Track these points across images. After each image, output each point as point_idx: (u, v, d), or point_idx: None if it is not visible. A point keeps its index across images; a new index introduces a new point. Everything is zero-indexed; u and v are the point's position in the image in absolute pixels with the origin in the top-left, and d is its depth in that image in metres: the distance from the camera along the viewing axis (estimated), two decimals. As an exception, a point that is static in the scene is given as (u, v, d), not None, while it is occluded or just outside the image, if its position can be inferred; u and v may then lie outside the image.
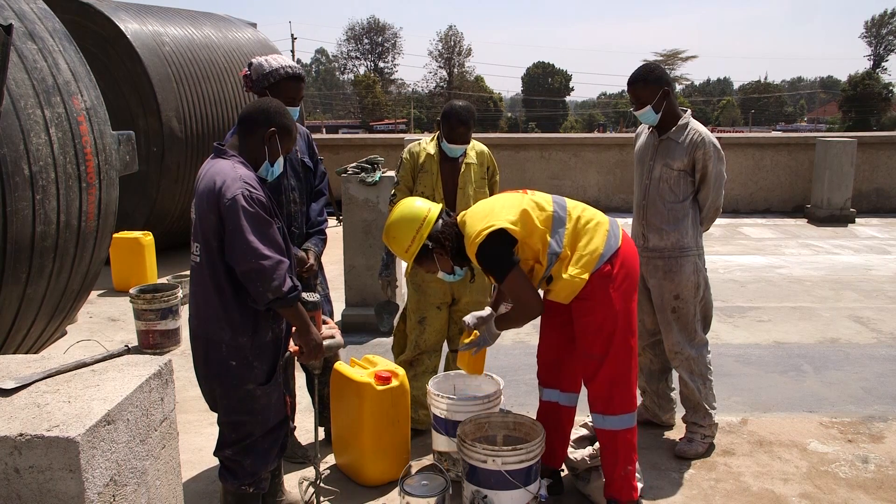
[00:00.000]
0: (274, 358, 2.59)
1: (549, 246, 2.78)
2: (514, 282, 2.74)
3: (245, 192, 2.36)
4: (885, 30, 65.88)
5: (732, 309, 6.07)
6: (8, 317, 3.37)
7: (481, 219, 2.78)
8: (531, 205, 2.84)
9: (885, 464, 3.46)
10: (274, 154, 2.58)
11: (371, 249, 5.54)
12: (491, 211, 2.81)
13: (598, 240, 2.82)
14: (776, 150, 11.07)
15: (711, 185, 3.40)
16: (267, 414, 2.58)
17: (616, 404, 2.86)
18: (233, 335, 2.46)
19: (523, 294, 2.77)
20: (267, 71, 3.17)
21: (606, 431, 2.89)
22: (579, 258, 2.79)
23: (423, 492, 2.81)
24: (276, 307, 2.41)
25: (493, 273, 2.78)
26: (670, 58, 68.74)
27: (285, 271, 2.37)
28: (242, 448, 2.57)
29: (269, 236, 2.38)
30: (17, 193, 3.18)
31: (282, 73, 3.17)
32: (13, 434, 1.78)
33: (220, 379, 2.52)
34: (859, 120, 52.53)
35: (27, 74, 3.36)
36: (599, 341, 2.82)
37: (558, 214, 2.84)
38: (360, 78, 64.84)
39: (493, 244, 2.72)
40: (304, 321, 2.51)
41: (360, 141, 12.36)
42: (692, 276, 3.42)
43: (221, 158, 2.51)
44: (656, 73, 3.36)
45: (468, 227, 2.81)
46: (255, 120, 2.55)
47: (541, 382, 3.15)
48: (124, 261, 6.53)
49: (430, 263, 2.89)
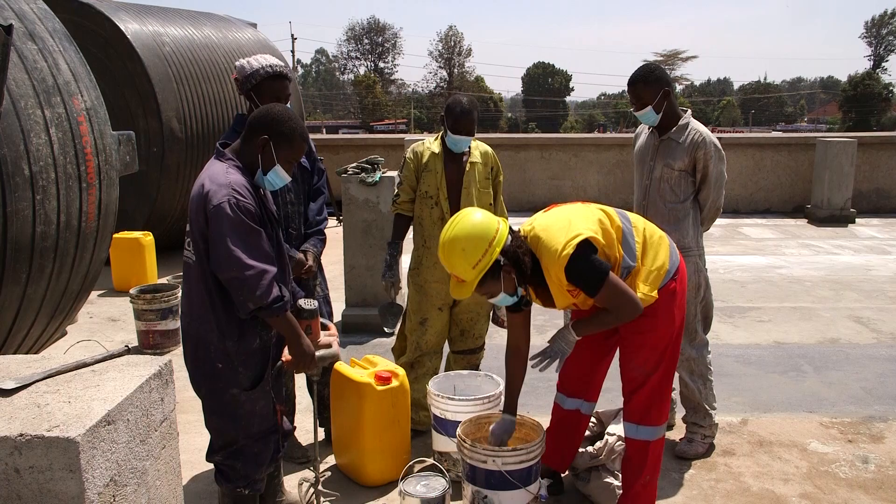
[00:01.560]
0: (261, 365, 2.55)
1: (623, 259, 2.68)
2: (613, 287, 2.58)
3: (231, 200, 2.31)
4: (885, 30, 65.88)
5: (732, 309, 6.07)
6: (8, 317, 3.37)
7: (562, 231, 2.60)
8: (602, 215, 2.73)
9: (885, 464, 3.46)
10: (268, 163, 2.47)
11: (371, 250, 5.54)
12: (569, 222, 2.64)
13: (664, 255, 2.77)
14: (776, 151, 11.07)
15: (712, 186, 3.40)
16: (250, 420, 2.54)
17: (653, 416, 2.85)
18: (220, 338, 2.45)
19: (625, 296, 2.61)
20: (249, 72, 3.09)
21: (639, 441, 2.86)
22: (648, 274, 2.71)
23: (423, 492, 2.81)
24: (260, 316, 2.38)
25: (588, 284, 2.59)
26: (670, 58, 68.75)
27: (270, 280, 2.32)
28: (231, 453, 2.56)
29: (254, 245, 2.33)
30: (17, 194, 3.18)
31: (262, 74, 3.08)
32: (13, 434, 1.78)
33: (207, 379, 2.51)
34: (859, 120, 52.55)
35: (27, 74, 3.36)
36: (655, 357, 2.80)
37: (626, 227, 2.76)
38: (360, 78, 64.83)
39: (583, 255, 2.56)
40: (293, 331, 2.45)
41: (361, 141, 12.36)
42: (693, 276, 3.42)
43: (218, 161, 2.48)
44: (657, 74, 3.36)
45: (547, 242, 2.60)
46: (252, 125, 2.49)
47: (565, 392, 3.10)
48: (124, 261, 6.53)
49: (494, 283, 2.61)
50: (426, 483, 2.87)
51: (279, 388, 2.71)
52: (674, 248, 2.85)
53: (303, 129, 2.54)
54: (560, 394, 3.12)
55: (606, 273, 2.57)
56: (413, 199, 3.64)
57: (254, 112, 2.55)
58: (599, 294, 2.59)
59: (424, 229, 3.63)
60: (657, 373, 2.81)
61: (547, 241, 2.61)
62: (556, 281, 2.63)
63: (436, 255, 3.60)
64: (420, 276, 3.64)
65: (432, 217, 3.59)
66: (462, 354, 3.76)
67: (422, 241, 3.65)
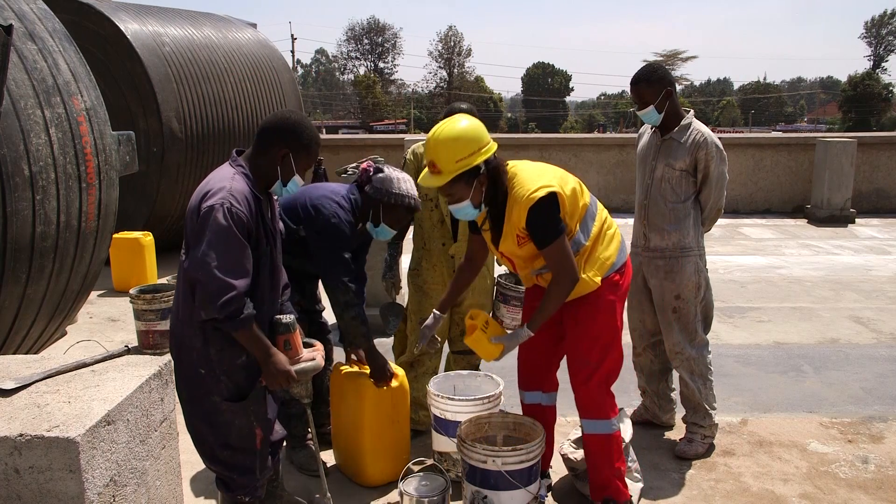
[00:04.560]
0: (247, 380, 2.48)
1: (576, 234, 2.75)
2: (562, 248, 2.65)
3: (225, 204, 2.27)
4: (885, 30, 65.86)
5: (732, 309, 6.07)
6: (8, 317, 3.37)
7: (535, 177, 2.68)
8: (577, 187, 2.80)
9: (885, 464, 3.46)
10: (287, 174, 2.48)
11: (371, 250, 5.52)
12: (543, 173, 2.73)
13: (614, 247, 2.85)
14: (776, 151, 11.07)
15: (713, 186, 3.40)
16: (228, 430, 2.48)
17: (607, 408, 2.88)
18: (203, 344, 2.41)
19: (567, 261, 2.67)
20: (395, 192, 3.11)
21: (599, 436, 2.89)
22: (596, 260, 2.78)
23: (423, 492, 2.81)
24: (220, 327, 2.32)
25: (542, 235, 2.66)
26: (670, 58, 68.69)
27: (233, 296, 2.24)
28: (229, 466, 2.53)
29: (231, 255, 2.27)
30: (17, 194, 3.18)
31: (406, 204, 3.13)
32: (13, 434, 1.78)
33: (187, 383, 2.47)
34: (859, 120, 52.52)
35: (27, 75, 3.36)
36: (598, 348, 2.83)
37: (591, 210, 2.83)
38: (360, 78, 64.81)
39: (549, 205, 2.63)
40: (260, 347, 2.38)
41: (360, 141, 12.36)
42: (693, 276, 3.43)
43: (229, 166, 2.46)
44: (659, 73, 3.37)
45: (520, 181, 2.68)
46: (269, 139, 2.45)
47: (522, 386, 3.13)
48: (124, 261, 6.53)
49: (464, 188, 2.66)
50: (426, 483, 2.87)
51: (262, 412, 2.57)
52: (624, 245, 2.93)
53: (317, 135, 2.54)
54: (521, 390, 3.15)
55: (562, 232, 2.66)
56: None
57: (267, 124, 2.49)
58: (548, 249, 2.67)
59: (424, 231, 3.63)
60: (604, 365, 2.84)
61: (521, 180, 2.69)
62: (514, 221, 2.70)
63: (436, 256, 3.61)
64: (420, 277, 3.64)
65: (432, 219, 3.59)
66: (462, 354, 3.76)
67: (421, 243, 3.66)
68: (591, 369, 2.84)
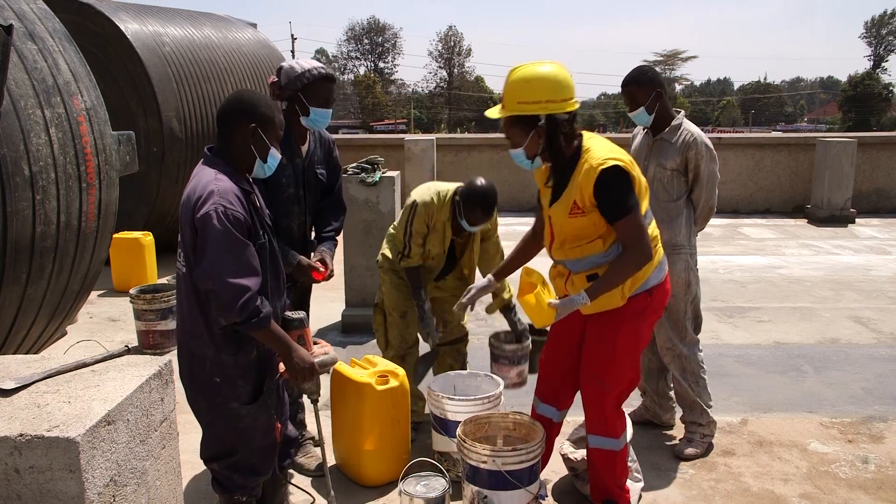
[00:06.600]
0: (259, 377, 2.48)
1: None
2: (634, 222, 2.54)
3: (219, 209, 2.24)
4: (885, 30, 65.86)
5: (733, 309, 6.07)
6: (8, 317, 3.37)
7: (608, 151, 2.58)
8: (644, 189, 2.68)
9: (885, 464, 3.46)
10: (263, 149, 2.43)
11: (371, 250, 5.53)
12: (618, 151, 2.62)
13: (652, 266, 2.72)
14: (776, 151, 11.07)
15: (704, 185, 3.44)
16: (252, 434, 2.49)
17: (619, 427, 2.86)
18: (216, 352, 2.38)
19: (641, 237, 2.55)
20: (299, 72, 3.04)
21: (606, 451, 2.87)
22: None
23: (423, 492, 2.81)
24: (241, 330, 2.30)
25: (614, 205, 2.54)
26: (670, 58, 68.78)
27: (248, 297, 2.22)
28: (230, 465, 2.52)
29: (238, 257, 2.25)
30: (17, 194, 3.18)
31: (314, 74, 3.04)
32: (13, 434, 1.78)
33: (205, 395, 2.45)
34: (859, 120, 52.54)
35: (27, 75, 3.36)
36: (615, 373, 2.77)
37: (647, 216, 2.72)
38: (360, 78, 64.84)
39: (619, 177, 2.54)
40: (282, 344, 2.38)
41: (361, 141, 12.36)
42: (683, 273, 3.45)
43: (207, 167, 2.40)
44: (649, 75, 3.41)
45: (595, 152, 2.58)
46: (230, 120, 2.40)
47: (539, 396, 3.10)
48: (124, 261, 6.53)
49: (520, 135, 2.58)
50: (426, 483, 2.87)
51: (278, 403, 2.63)
52: (663, 267, 2.80)
53: (274, 103, 2.52)
54: (536, 397, 3.12)
55: (635, 206, 2.54)
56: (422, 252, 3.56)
57: (222, 108, 2.45)
58: (621, 222, 2.55)
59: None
60: (616, 390, 2.80)
61: (595, 151, 2.59)
62: (579, 184, 2.57)
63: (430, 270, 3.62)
64: (398, 275, 3.65)
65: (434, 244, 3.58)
66: (450, 345, 3.78)
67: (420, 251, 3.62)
68: (605, 390, 2.80)
